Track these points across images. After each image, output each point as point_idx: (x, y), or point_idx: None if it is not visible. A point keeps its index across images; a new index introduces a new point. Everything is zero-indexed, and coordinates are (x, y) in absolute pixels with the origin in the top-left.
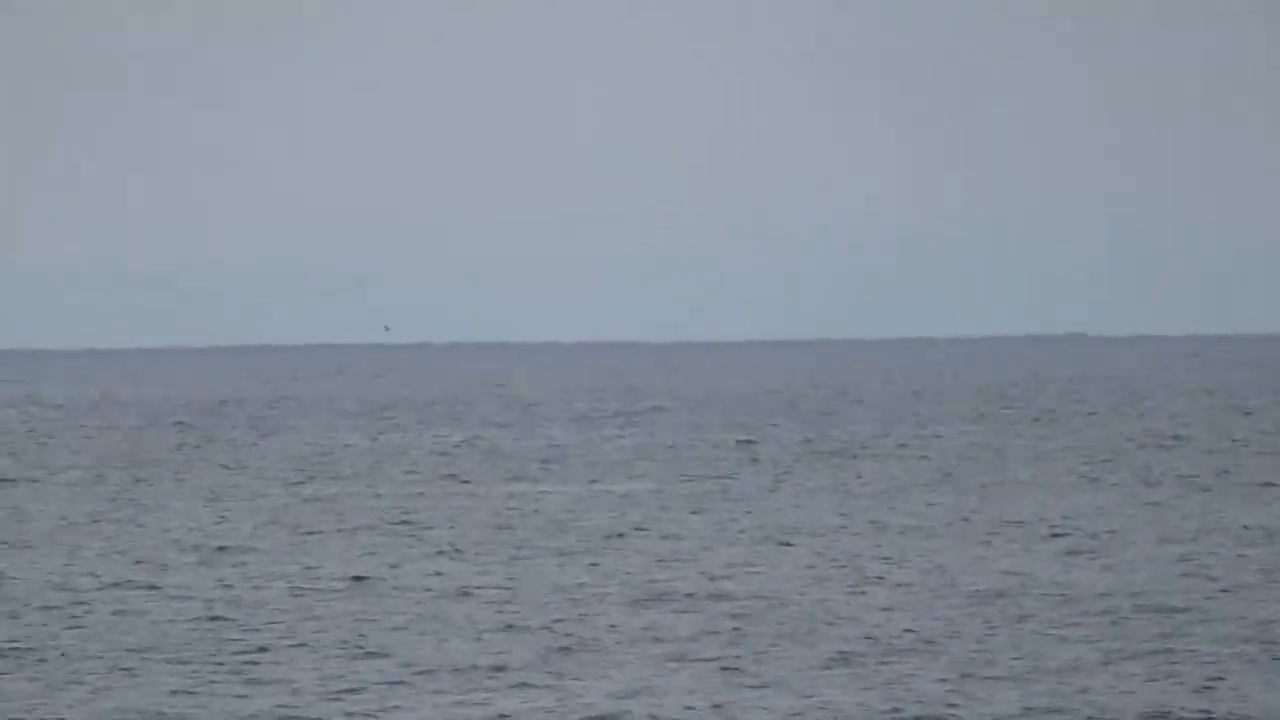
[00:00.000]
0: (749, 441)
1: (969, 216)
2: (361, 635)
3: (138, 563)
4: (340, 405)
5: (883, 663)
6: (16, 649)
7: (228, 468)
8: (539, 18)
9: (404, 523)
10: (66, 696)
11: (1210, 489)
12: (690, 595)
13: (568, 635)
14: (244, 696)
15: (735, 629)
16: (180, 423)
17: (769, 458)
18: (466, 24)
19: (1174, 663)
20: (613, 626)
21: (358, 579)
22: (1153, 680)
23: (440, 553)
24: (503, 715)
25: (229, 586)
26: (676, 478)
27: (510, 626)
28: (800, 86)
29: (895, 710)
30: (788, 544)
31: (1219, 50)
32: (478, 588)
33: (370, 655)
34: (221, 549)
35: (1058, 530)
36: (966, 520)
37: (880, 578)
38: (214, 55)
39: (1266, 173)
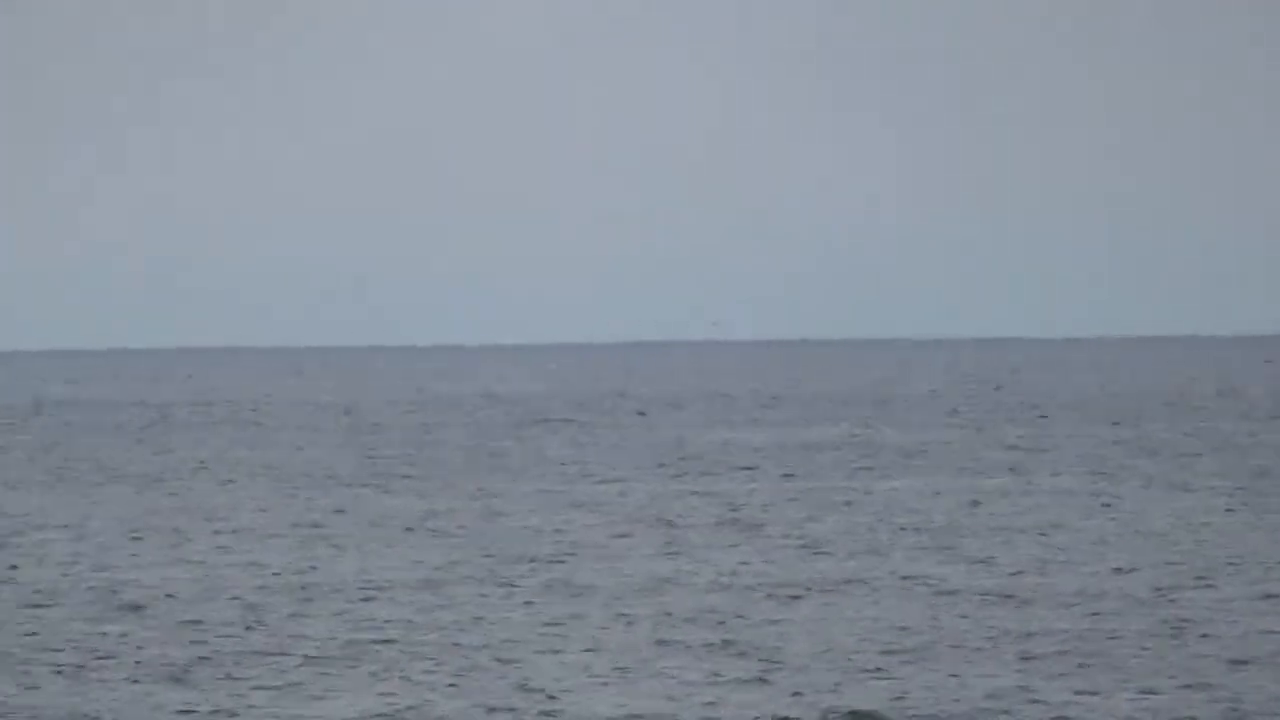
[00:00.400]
0: (1131, 440)
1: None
2: (726, 631)
3: (487, 557)
4: (721, 399)
5: (1235, 662)
6: (379, 642)
7: (604, 463)
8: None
9: (767, 521)
10: (428, 692)
11: None
12: (1062, 594)
13: (933, 631)
14: (616, 698)
15: (1100, 628)
16: (547, 419)
17: (1155, 455)
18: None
19: None
20: (978, 622)
21: (721, 575)
22: None
23: (804, 546)
24: (862, 712)
25: (590, 585)
26: (1057, 474)
27: (875, 621)
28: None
29: (1239, 713)
30: (1162, 541)
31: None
32: (843, 583)
33: (735, 653)
34: (588, 545)
35: None
36: None
37: (1259, 576)
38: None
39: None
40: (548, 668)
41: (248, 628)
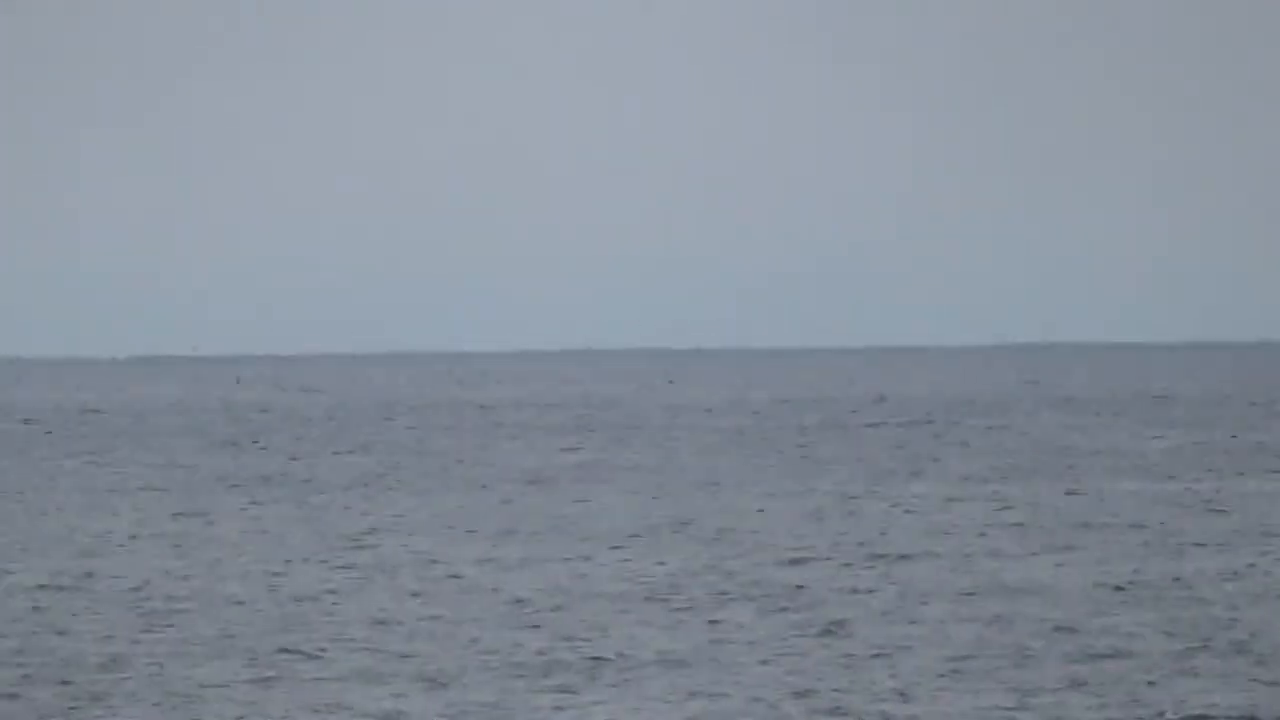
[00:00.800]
0: None
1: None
2: (1071, 636)
3: (846, 560)
4: (1069, 401)
5: None
6: (721, 645)
7: (982, 465)
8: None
9: (1135, 523)
10: (769, 693)
11: None
12: None
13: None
14: (967, 699)
15: None
16: (919, 421)
17: None
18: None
19: None
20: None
21: (1072, 577)
22: None
23: (1162, 548)
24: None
25: (947, 586)
26: None
27: (1228, 622)
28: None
29: None
30: None
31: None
32: (1193, 584)
33: (1076, 656)
34: (949, 545)
35: None
36: None
37: None
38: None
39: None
40: (902, 669)
41: (583, 637)
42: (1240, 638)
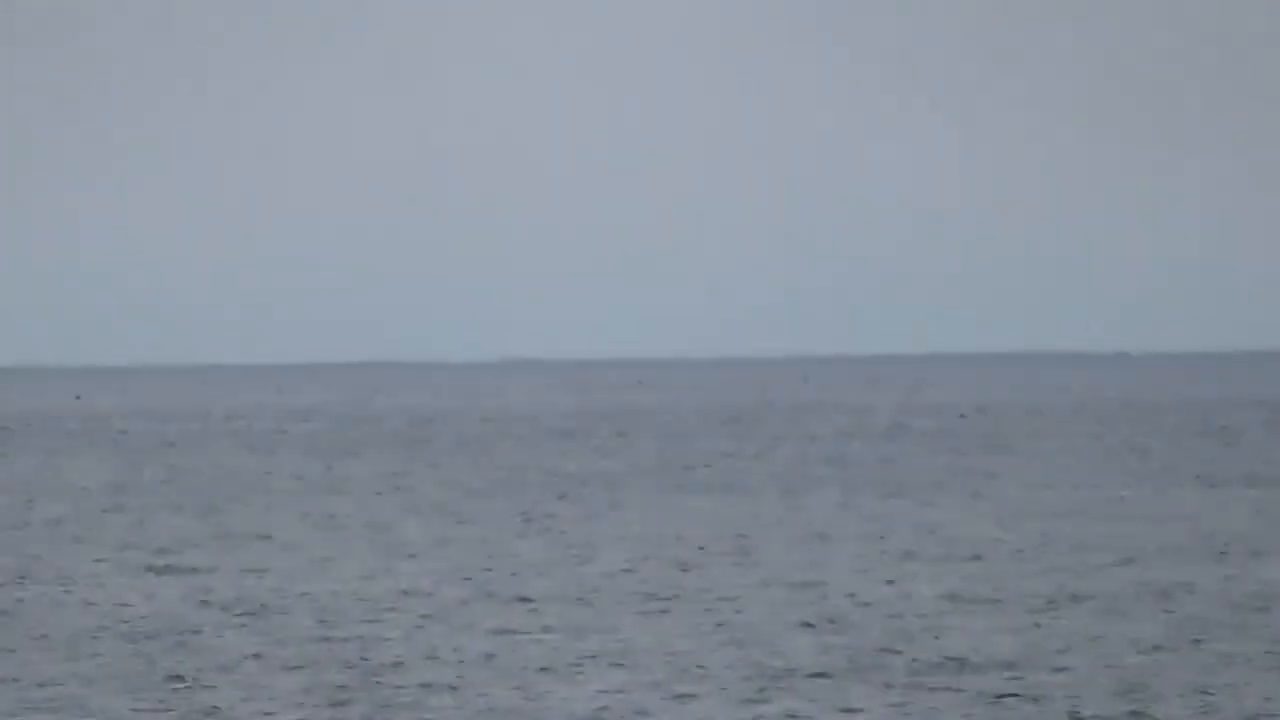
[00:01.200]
0: None
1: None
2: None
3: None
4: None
5: None
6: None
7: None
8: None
9: None
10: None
11: None
12: None
13: None
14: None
15: None
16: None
17: None
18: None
19: None
20: None
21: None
22: None
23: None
24: None
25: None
26: None
27: None
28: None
29: None
30: None
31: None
32: None
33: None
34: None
35: None
36: None
37: None
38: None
39: None
40: (1253, 675)
41: (921, 640)
42: None
